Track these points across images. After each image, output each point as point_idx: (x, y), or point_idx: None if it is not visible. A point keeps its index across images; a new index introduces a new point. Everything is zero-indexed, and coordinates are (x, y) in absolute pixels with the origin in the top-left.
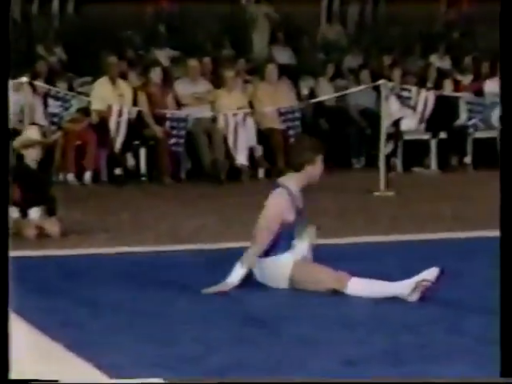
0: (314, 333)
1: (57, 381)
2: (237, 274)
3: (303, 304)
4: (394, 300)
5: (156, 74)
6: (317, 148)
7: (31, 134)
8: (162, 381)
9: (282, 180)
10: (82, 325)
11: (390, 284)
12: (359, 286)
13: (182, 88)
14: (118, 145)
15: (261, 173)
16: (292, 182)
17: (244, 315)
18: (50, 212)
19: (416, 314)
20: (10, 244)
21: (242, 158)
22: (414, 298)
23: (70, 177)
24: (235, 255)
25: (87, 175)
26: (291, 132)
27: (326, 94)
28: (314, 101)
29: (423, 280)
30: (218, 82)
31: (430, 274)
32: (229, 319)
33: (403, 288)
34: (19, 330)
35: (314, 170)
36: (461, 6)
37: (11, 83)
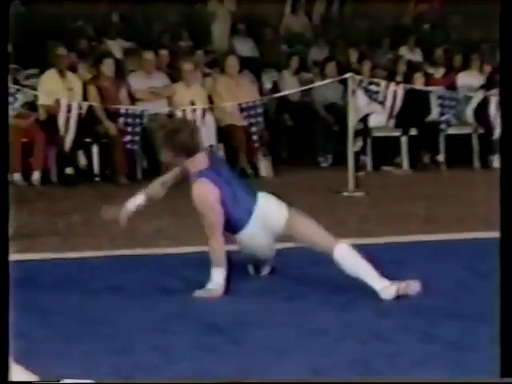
0: (279, 340)
1: (58, 381)
2: (218, 275)
3: (266, 310)
4: (362, 306)
5: (108, 67)
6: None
7: None
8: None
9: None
10: (30, 335)
11: (373, 270)
12: (345, 252)
13: (137, 82)
14: (67, 142)
15: None
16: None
17: (203, 321)
18: None
19: (385, 320)
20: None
21: None
22: (386, 297)
23: (17, 176)
24: (193, 259)
25: (35, 175)
26: (253, 129)
27: (291, 87)
28: (277, 95)
29: (405, 287)
30: (175, 75)
31: (414, 286)
32: (187, 325)
33: (382, 282)
34: None
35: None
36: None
37: None
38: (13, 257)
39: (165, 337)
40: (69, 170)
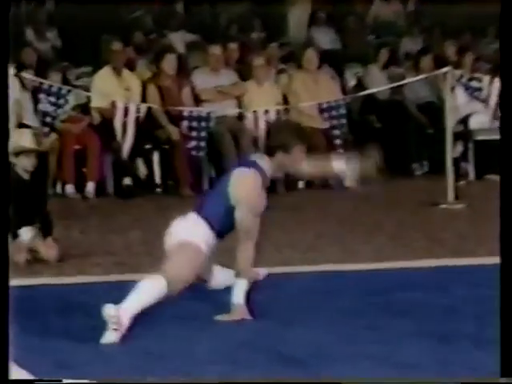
0: (367, 375)
1: (60, 380)
2: (242, 289)
3: (346, 340)
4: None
5: (170, 63)
6: (296, 135)
7: (23, 139)
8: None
9: (254, 158)
10: (82, 368)
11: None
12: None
13: (202, 80)
14: (125, 149)
15: (301, 183)
16: (263, 164)
17: (277, 353)
18: (45, 232)
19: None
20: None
21: None
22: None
23: (69, 189)
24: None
25: (89, 186)
26: (335, 132)
27: (378, 84)
28: (363, 93)
29: None
30: (245, 72)
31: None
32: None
33: None
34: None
35: (288, 159)
36: None
37: None
38: (62, 280)
39: (235, 369)
40: (126, 181)
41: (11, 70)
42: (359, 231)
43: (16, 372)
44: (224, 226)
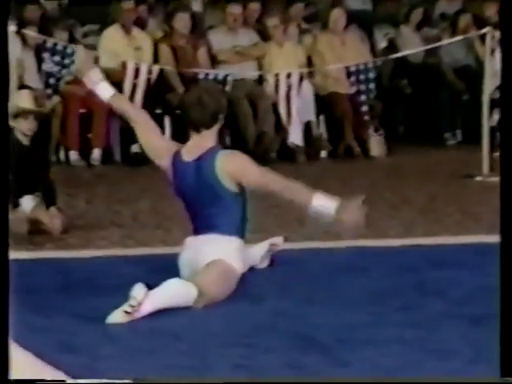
0: (397, 362)
1: (64, 381)
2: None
3: (375, 323)
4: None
5: (183, 22)
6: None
7: (22, 100)
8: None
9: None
10: (88, 349)
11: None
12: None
13: (219, 40)
14: None
15: (323, 152)
16: None
17: (298, 335)
18: (48, 201)
19: None
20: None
21: (295, 137)
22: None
23: (73, 155)
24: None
25: (95, 153)
26: (363, 98)
27: (411, 46)
28: (393, 56)
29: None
30: (265, 32)
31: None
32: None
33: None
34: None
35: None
36: None
37: None
38: (68, 253)
39: (252, 354)
40: (135, 148)
41: (12, 27)
42: (386, 205)
43: (15, 351)
44: (242, 223)
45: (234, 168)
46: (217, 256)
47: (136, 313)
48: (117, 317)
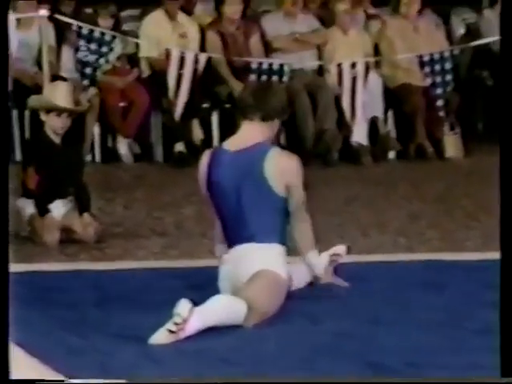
0: None
1: (62, 381)
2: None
3: (448, 346)
4: None
5: (234, 6)
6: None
7: (57, 95)
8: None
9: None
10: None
11: None
12: None
13: (274, 26)
14: (179, 108)
15: (391, 152)
16: None
17: (364, 360)
18: (81, 207)
19: None
20: (18, 252)
21: (359, 135)
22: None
23: (123, 149)
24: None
25: (122, 144)
26: (438, 91)
27: (494, 33)
28: (473, 44)
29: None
30: (327, 17)
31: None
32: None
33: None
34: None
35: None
36: None
37: (14, 17)
38: (104, 265)
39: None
40: (179, 146)
41: (44, 12)
42: (463, 214)
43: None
44: (284, 229)
45: (287, 169)
46: (261, 266)
47: (181, 332)
48: (160, 336)
